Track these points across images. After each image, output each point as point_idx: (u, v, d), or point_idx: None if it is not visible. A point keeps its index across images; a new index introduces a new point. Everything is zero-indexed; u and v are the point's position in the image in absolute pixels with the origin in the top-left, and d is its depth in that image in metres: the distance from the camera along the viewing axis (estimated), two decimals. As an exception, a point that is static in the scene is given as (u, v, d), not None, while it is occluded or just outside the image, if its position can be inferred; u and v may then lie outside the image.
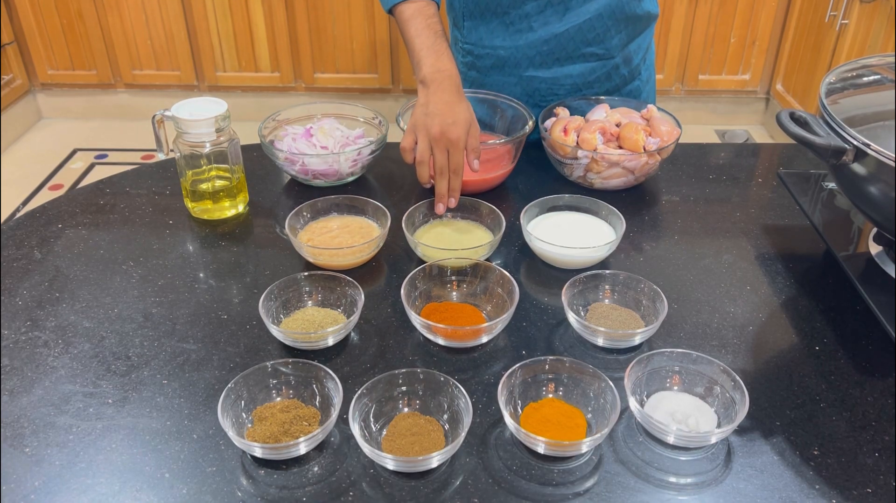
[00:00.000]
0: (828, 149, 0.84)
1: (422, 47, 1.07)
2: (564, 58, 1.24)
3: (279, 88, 3.24)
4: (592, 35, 1.21)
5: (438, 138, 1.01)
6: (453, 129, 1.00)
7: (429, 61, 1.05)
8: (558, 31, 1.20)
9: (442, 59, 1.06)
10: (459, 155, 1.02)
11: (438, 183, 1.03)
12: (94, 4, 3.05)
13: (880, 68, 0.96)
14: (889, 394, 0.81)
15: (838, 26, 2.63)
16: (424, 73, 1.05)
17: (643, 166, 1.13)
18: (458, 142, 1.01)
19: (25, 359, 0.86)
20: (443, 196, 1.03)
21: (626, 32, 1.23)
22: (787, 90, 3.04)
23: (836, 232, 1.00)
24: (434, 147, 1.01)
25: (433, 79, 1.04)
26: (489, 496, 0.70)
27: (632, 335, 0.86)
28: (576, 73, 1.25)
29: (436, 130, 1.00)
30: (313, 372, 0.79)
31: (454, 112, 1.02)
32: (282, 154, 1.13)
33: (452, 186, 1.03)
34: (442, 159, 1.02)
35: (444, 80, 1.04)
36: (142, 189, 1.18)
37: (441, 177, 1.02)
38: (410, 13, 1.10)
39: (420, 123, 1.03)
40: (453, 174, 1.02)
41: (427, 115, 1.02)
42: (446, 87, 1.04)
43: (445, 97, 1.03)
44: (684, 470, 0.73)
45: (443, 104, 1.02)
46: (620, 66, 1.27)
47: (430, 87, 1.04)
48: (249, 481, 0.72)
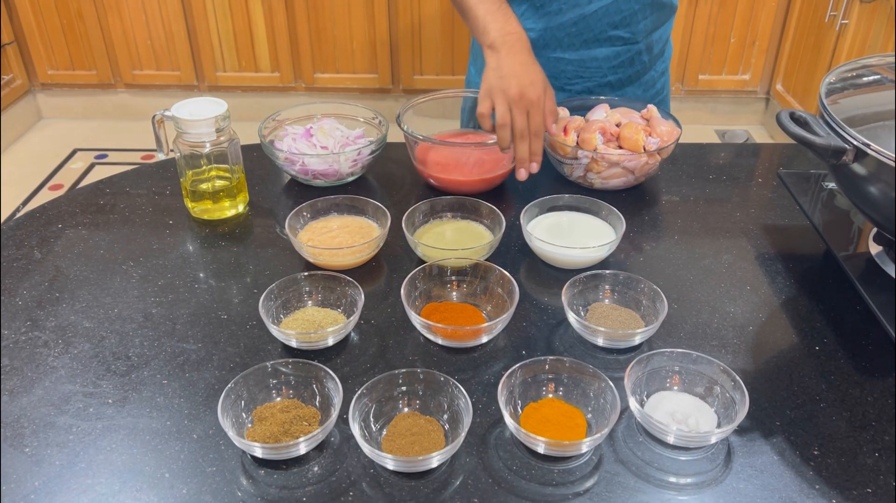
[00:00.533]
0: (828, 149, 0.84)
1: (486, 12, 1.05)
2: (591, 40, 1.25)
3: (279, 88, 3.24)
4: (619, 17, 1.22)
5: (518, 100, 0.98)
6: (531, 89, 0.98)
7: (496, 25, 1.03)
8: (587, 13, 1.21)
9: (510, 21, 1.04)
10: (540, 116, 0.99)
11: (519, 146, 1.00)
12: (94, 4, 3.05)
13: (880, 68, 0.96)
14: (889, 394, 0.81)
15: (838, 26, 2.63)
16: (493, 36, 1.02)
17: (643, 166, 1.13)
18: (538, 102, 0.98)
19: (25, 359, 0.86)
20: (524, 160, 1.00)
21: (652, 19, 1.25)
22: (787, 90, 3.04)
23: (836, 232, 1.00)
24: (513, 109, 0.99)
25: (504, 41, 1.02)
26: (489, 496, 0.70)
27: (632, 335, 0.86)
28: (601, 56, 1.26)
29: (514, 92, 0.98)
30: (313, 372, 0.79)
31: (530, 73, 0.99)
32: (282, 154, 1.13)
33: (534, 149, 1.00)
34: (522, 121, 0.99)
35: (516, 42, 1.02)
36: (142, 189, 1.18)
37: (522, 140, 1.00)
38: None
39: (496, 87, 1.00)
40: (534, 136, 1.00)
41: (502, 78, 0.99)
42: (518, 48, 1.01)
43: (519, 58, 1.00)
44: (684, 470, 0.73)
45: (517, 65, 1.00)
46: (643, 53, 1.28)
47: (501, 50, 1.01)
48: (249, 481, 0.72)
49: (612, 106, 1.22)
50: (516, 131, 0.99)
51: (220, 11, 3.05)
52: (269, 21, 3.07)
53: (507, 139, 1.01)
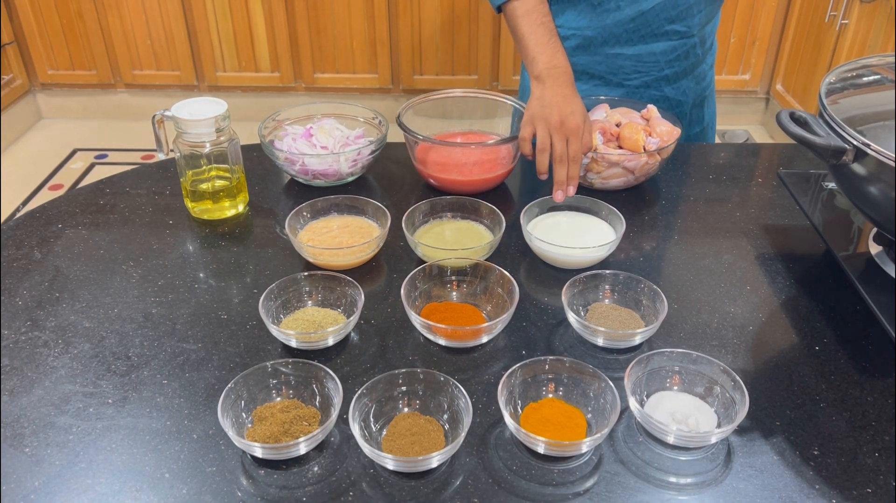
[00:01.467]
0: (828, 149, 0.84)
1: (536, 44, 1.09)
2: (649, 35, 1.25)
3: (279, 88, 3.24)
4: (676, 12, 1.23)
5: (558, 127, 1.03)
6: (572, 118, 1.03)
7: (544, 58, 1.08)
8: (645, 9, 1.22)
9: (557, 55, 1.09)
10: (578, 143, 1.04)
11: (558, 170, 1.04)
12: (94, 4, 3.05)
13: (880, 68, 0.96)
14: (889, 394, 0.81)
15: (838, 26, 2.63)
16: (540, 69, 1.08)
17: (643, 166, 1.13)
18: (577, 130, 1.03)
19: (25, 359, 0.86)
20: (562, 183, 1.04)
21: (706, 12, 1.26)
22: (787, 90, 3.04)
23: (836, 232, 1.00)
24: (553, 135, 1.03)
25: (549, 74, 1.07)
26: (489, 496, 0.70)
27: (632, 335, 0.86)
28: (658, 50, 1.27)
29: (555, 119, 1.03)
30: (313, 372, 0.79)
31: (571, 104, 1.05)
32: (282, 154, 1.13)
33: (571, 174, 1.04)
34: (561, 147, 1.03)
35: (560, 76, 1.07)
36: (142, 189, 1.18)
37: (560, 164, 1.04)
38: (524, 10, 1.12)
39: (538, 114, 1.05)
40: (572, 162, 1.04)
41: (544, 107, 1.05)
42: (562, 81, 1.06)
43: (562, 90, 1.06)
44: (684, 470, 0.73)
45: (560, 96, 1.05)
46: (697, 46, 1.29)
47: (546, 82, 1.06)
48: (249, 481, 0.72)
49: (612, 106, 1.22)
50: (555, 156, 1.04)
51: (220, 11, 3.05)
52: (269, 21, 3.07)
53: (545, 164, 1.05)
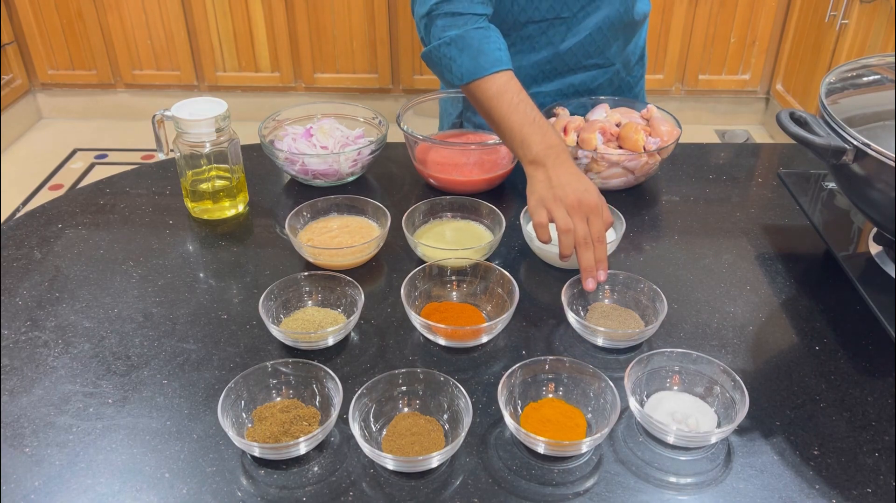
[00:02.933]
0: (828, 149, 0.84)
1: (522, 124, 0.99)
2: (567, 71, 1.24)
3: (279, 88, 3.24)
4: (593, 48, 1.22)
5: (577, 207, 0.91)
6: (587, 196, 0.92)
7: (536, 138, 0.97)
8: (561, 50, 1.21)
9: (548, 134, 0.98)
10: (600, 222, 0.92)
11: (584, 255, 0.91)
12: (94, 4, 3.05)
13: (880, 68, 0.96)
14: (889, 394, 0.81)
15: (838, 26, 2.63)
16: (536, 151, 0.97)
17: (643, 166, 1.13)
18: (596, 209, 0.91)
19: (25, 359, 0.86)
20: (591, 269, 0.91)
21: (624, 38, 1.24)
22: (787, 90, 3.04)
23: (836, 232, 1.00)
24: (573, 216, 0.91)
25: (547, 155, 0.96)
26: (489, 496, 0.70)
27: (631, 335, 0.85)
28: (577, 81, 1.26)
29: (572, 199, 0.91)
30: (313, 372, 0.79)
31: (583, 181, 0.94)
32: (282, 154, 1.13)
33: (598, 257, 0.91)
34: (584, 228, 0.91)
35: (561, 154, 0.97)
36: (142, 189, 1.18)
37: (586, 247, 0.91)
38: (496, 90, 1.02)
39: (550, 197, 0.93)
40: (598, 243, 0.91)
41: (555, 188, 0.93)
42: (564, 159, 0.96)
43: (568, 169, 0.95)
44: (684, 470, 0.73)
45: (568, 175, 0.94)
46: (620, 71, 1.28)
47: (548, 163, 0.95)
48: (249, 481, 0.72)
49: (612, 106, 1.22)
50: (579, 238, 0.91)
51: (220, 11, 3.05)
52: (269, 21, 3.07)
53: (570, 246, 0.92)
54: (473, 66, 1.03)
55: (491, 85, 1.02)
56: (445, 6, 1.05)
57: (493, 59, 1.03)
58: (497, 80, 1.02)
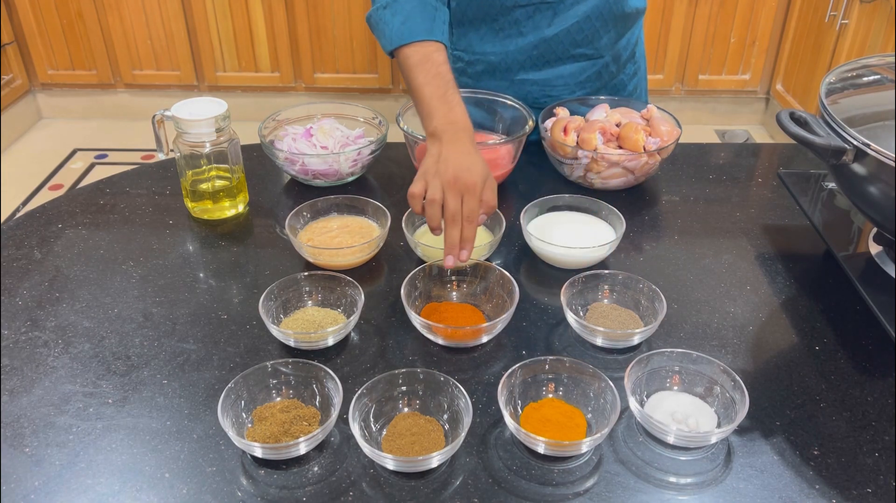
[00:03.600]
0: (828, 149, 0.84)
1: (432, 97, 0.99)
2: (555, 59, 1.24)
3: (279, 88, 3.24)
4: (581, 36, 1.21)
5: (452, 182, 0.90)
6: (468, 174, 0.90)
7: (440, 112, 0.97)
8: (548, 35, 1.20)
9: (454, 110, 0.98)
10: (474, 202, 0.90)
11: (449, 230, 0.89)
12: (94, 4, 3.05)
13: (880, 68, 0.96)
14: (889, 394, 0.81)
15: (838, 26, 2.63)
16: (436, 125, 0.97)
17: (643, 166, 1.13)
18: (473, 187, 0.90)
19: (25, 359, 0.86)
20: (454, 247, 0.89)
21: (615, 31, 1.23)
22: (787, 90, 3.04)
23: (836, 232, 1.00)
24: (447, 191, 0.90)
25: (445, 130, 0.96)
26: (489, 496, 0.70)
27: (630, 335, 0.86)
28: (567, 73, 1.25)
29: (450, 175, 0.90)
30: (313, 372, 0.79)
31: (470, 160, 0.92)
32: (282, 154, 1.13)
33: (465, 235, 0.89)
34: (454, 204, 0.89)
35: (459, 132, 0.96)
36: (142, 189, 1.18)
37: (453, 223, 0.89)
38: (418, 59, 1.02)
39: (431, 170, 0.92)
40: (467, 222, 0.89)
41: (439, 163, 0.92)
42: (461, 138, 0.95)
43: (460, 147, 0.94)
44: (684, 470, 0.73)
45: (457, 153, 0.93)
46: (610, 64, 1.27)
47: (443, 138, 0.95)
48: (249, 481, 0.72)
49: (612, 106, 1.22)
50: (447, 214, 0.89)
51: (220, 11, 3.05)
52: (269, 21, 3.07)
53: (436, 217, 0.90)
54: (401, 32, 1.03)
55: (414, 52, 1.02)
56: None
57: (422, 28, 1.03)
58: (422, 48, 1.02)
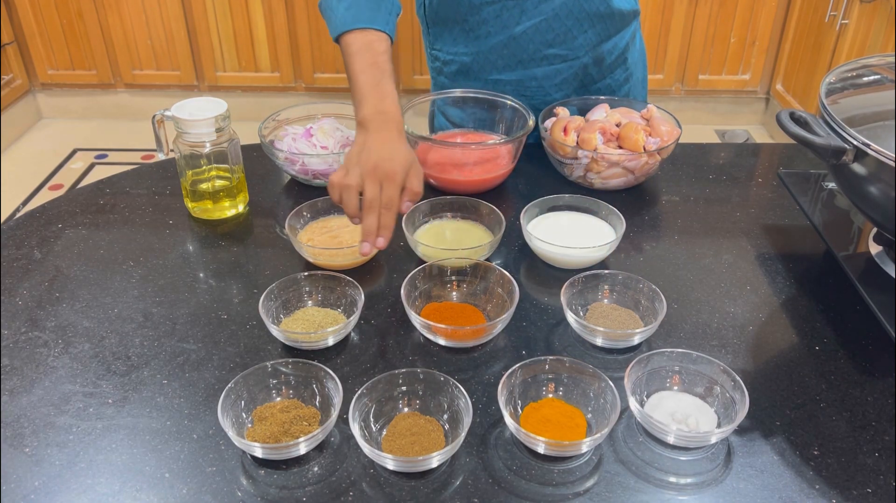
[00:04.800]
0: (828, 149, 0.84)
1: (364, 85, 0.98)
2: (527, 60, 1.23)
3: (279, 88, 3.24)
4: (552, 36, 1.20)
5: (372, 170, 0.90)
6: (389, 163, 0.90)
7: (371, 101, 0.96)
8: (516, 34, 1.19)
9: (386, 100, 0.97)
10: (394, 189, 0.90)
11: (366, 217, 0.89)
12: (94, 4, 3.05)
13: (880, 68, 0.96)
14: (889, 394, 0.81)
15: (838, 26, 2.63)
16: (364, 113, 0.96)
17: (643, 166, 1.13)
18: (393, 175, 0.90)
19: (25, 359, 0.86)
20: (370, 233, 0.88)
21: (594, 32, 1.21)
22: (787, 90, 3.04)
23: (836, 232, 1.00)
24: (366, 179, 0.90)
25: (372, 119, 0.95)
26: (489, 496, 0.70)
27: (630, 335, 0.86)
28: (540, 74, 1.24)
29: (371, 162, 0.90)
30: (313, 372, 0.79)
31: (393, 149, 0.92)
32: (282, 154, 1.13)
33: (383, 222, 0.89)
34: (373, 191, 0.89)
35: (387, 121, 0.95)
36: (142, 189, 1.18)
37: (370, 210, 0.89)
38: (358, 47, 1.01)
39: (354, 159, 0.92)
40: (384, 209, 0.89)
41: (362, 152, 0.92)
42: (388, 127, 0.94)
43: (385, 135, 0.93)
44: (684, 470, 0.73)
45: (382, 142, 0.93)
46: (590, 67, 1.25)
47: (370, 127, 0.95)
48: (249, 481, 0.72)
49: (612, 106, 1.22)
50: (365, 200, 0.89)
51: (220, 11, 3.05)
52: (269, 21, 3.07)
53: (352, 204, 0.90)
54: (345, 19, 1.02)
55: (355, 40, 1.01)
56: None
57: (366, 16, 1.02)
58: (363, 37, 1.01)
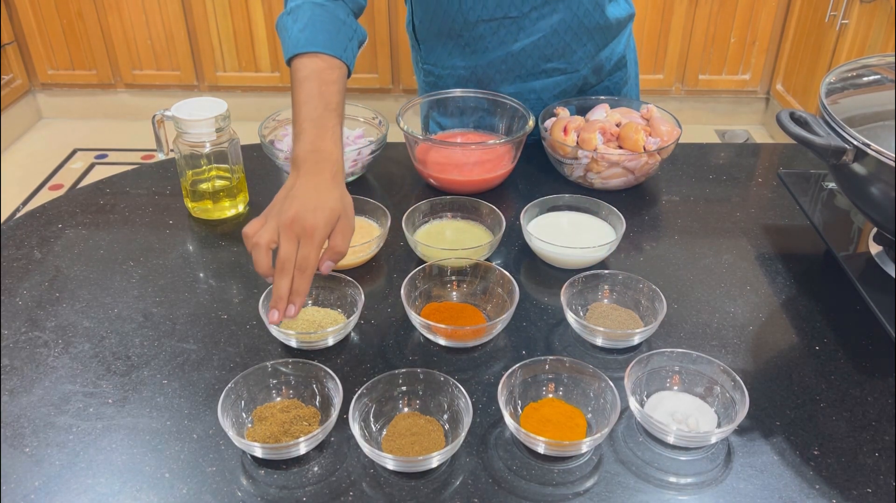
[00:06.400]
0: (828, 149, 0.84)
1: (305, 118, 0.88)
2: (526, 74, 1.22)
3: (279, 88, 3.24)
4: (551, 51, 1.19)
5: (289, 224, 0.79)
6: (311, 216, 0.79)
7: (308, 137, 0.86)
8: (514, 50, 1.19)
9: (325, 137, 0.87)
10: (311, 249, 0.79)
11: (277, 280, 0.78)
12: (94, 4, 3.05)
13: (880, 68, 0.96)
14: (889, 394, 0.81)
15: (838, 26, 2.63)
16: (298, 151, 0.86)
17: (643, 166, 1.13)
18: (312, 232, 0.79)
19: (25, 359, 0.86)
20: (281, 299, 0.77)
21: (593, 44, 1.21)
22: (787, 90, 3.04)
23: (836, 232, 1.00)
24: (282, 234, 0.79)
25: (306, 159, 0.85)
26: (489, 496, 0.70)
27: (630, 335, 0.86)
28: (539, 87, 1.24)
29: (289, 214, 0.79)
30: (313, 372, 0.79)
31: (320, 198, 0.81)
32: (282, 154, 1.13)
33: (296, 287, 0.78)
34: (287, 250, 0.78)
35: (321, 162, 0.85)
36: (142, 189, 1.18)
37: (281, 272, 0.78)
38: (306, 73, 0.91)
39: (276, 207, 0.82)
40: (298, 271, 0.78)
41: (286, 199, 0.82)
42: (320, 168, 0.84)
43: (315, 181, 0.83)
44: (684, 470, 0.73)
45: (310, 188, 0.82)
46: (589, 77, 1.25)
47: (301, 169, 0.85)
48: (249, 481, 0.72)
49: (612, 106, 1.22)
50: (278, 260, 0.78)
51: (220, 11, 3.05)
52: (269, 21, 3.07)
53: (262, 262, 0.79)
54: (297, 41, 0.93)
55: (304, 66, 0.92)
56: None
57: (321, 39, 0.93)
58: (313, 63, 0.92)
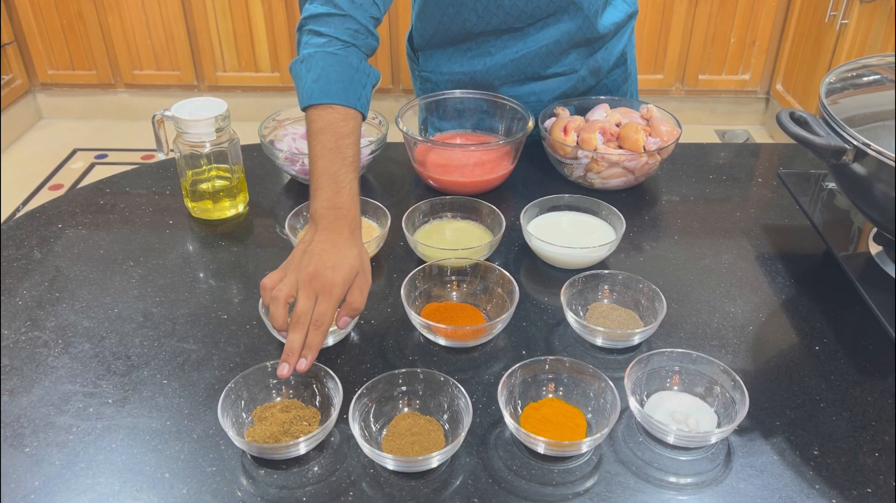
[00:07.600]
0: (828, 149, 0.84)
1: (322, 174, 0.88)
2: (525, 79, 1.24)
3: (279, 88, 3.24)
4: (551, 59, 1.21)
5: (308, 280, 0.79)
6: (330, 272, 0.79)
7: (325, 194, 0.86)
8: (516, 56, 1.20)
9: (341, 193, 0.87)
10: (329, 306, 0.79)
11: (291, 334, 0.77)
12: (94, 4, 3.05)
13: (880, 68, 0.96)
14: (889, 394, 0.81)
15: (838, 26, 2.63)
16: (316, 206, 0.86)
17: (643, 166, 1.13)
18: (331, 288, 0.79)
19: (25, 359, 0.86)
20: (293, 353, 0.77)
21: (589, 49, 1.23)
22: (787, 90, 3.04)
23: (836, 232, 1.00)
24: (300, 289, 0.79)
25: (324, 216, 0.85)
26: (489, 496, 0.70)
27: (630, 335, 0.86)
28: (539, 89, 1.25)
29: (309, 270, 0.80)
30: (313, 372, 0.79)
31: (339, 255, 0.81)
32: (282, 154, 1.13)
33: (309, 342, 0.78)
34: (304, 304, 0.78)
35: (338, 219, 0.85)
36: (142, 189, 1.18)
37: (296, 326, 0.77)
38: (321, 126, 0.90)
39: (295, 261, 0.82)
40: (314, 327, 0.78)
41: (304, 254, 0.82)
42: (338, 226, 0.84)
43: (334, 238, 0.83)
44: (684, 470, 0.73)
45: (329, 245, 0.82)
46: (587, 78, 1.26)
47: (320, 224, 0.85)
48: (249, 481, 0.72)
49: (612, 106, 1.22)
50: (294, 314, 0.79)
51: (220, 11, 3.05)
52: (269, 21, 3.07)
53: (279, 316, 0.79)
54: (311, 91, 0.92)
55: (319, 118, 0.91)
56: (312, 23, 0.96)
57: (334, 90, 0.92)
58: (328, 114, 0.91)
